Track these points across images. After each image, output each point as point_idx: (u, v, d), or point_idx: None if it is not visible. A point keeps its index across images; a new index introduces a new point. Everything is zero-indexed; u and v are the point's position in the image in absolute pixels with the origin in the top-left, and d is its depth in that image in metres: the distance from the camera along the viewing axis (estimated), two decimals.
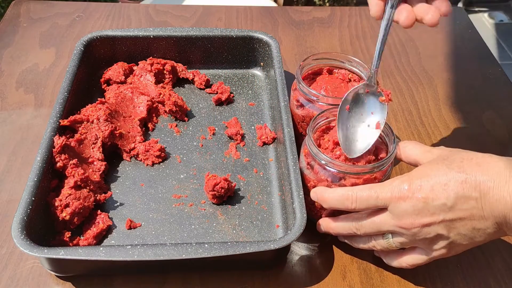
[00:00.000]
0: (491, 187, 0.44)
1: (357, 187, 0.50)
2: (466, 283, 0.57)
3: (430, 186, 0.46)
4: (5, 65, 0.83)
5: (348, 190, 0.50)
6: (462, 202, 0.45)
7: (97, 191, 0.61)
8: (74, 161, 0.60)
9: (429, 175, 0.46)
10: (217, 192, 0.61)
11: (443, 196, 0.45)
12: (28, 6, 0.97)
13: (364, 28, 0.97)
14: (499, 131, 0.76)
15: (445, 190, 0.45)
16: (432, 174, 0.46)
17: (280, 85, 0.70)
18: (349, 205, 0.50)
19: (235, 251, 0.51)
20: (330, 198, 0.52)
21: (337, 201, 0.51)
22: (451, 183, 0.45)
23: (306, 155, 0.57)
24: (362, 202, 0.49)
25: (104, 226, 0.58)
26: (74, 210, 0.57)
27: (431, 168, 0.47)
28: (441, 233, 0.47)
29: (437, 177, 0.46)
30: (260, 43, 0.79)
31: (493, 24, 2.36)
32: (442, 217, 0.46)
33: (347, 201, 0.50)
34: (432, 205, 0.46)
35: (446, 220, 0.46)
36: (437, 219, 0.46)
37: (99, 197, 0.61)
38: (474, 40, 0.96)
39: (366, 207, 0.50)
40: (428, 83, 0.85)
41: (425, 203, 0.46)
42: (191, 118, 0.74)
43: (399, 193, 0.47)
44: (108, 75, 0.76)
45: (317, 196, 0.54)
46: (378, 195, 0.48)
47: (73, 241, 0.57)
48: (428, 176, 0.46)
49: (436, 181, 0.46)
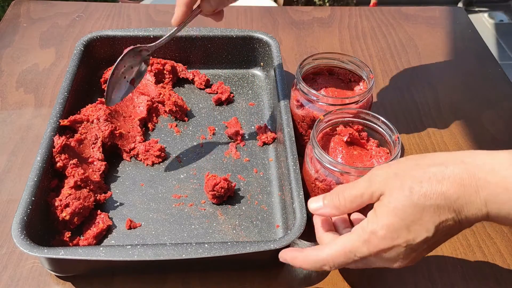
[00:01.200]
0: (463, 204, 0.42)
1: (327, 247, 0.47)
2: (466, 283, 0.57)
3: (406, 228, 0.43)
4: (5, 65, 0.83)
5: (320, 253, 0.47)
6: (442, 227, 0.43)
7: (97, 191, 0.61)
8: (74, 161, 0.60)
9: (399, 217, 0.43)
10: (217, 192, 0.61)
11: (423, 232, 0.43)
12: (28, 6, 0.97)
13: (364, 28, 0.97)
14: (499, 131, 0.76)
15: (422, 225, 0.43)
16: (402, 214, 0.43)
17: (280, 85, 0.70)
18: (327, 269, 0.48)
19: (235, 251, 0.51)
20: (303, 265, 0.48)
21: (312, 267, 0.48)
22: (425, 217, 0.43)
23: (311, 159, 0.57)
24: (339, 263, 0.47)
25: (104, 226, 0.58)
26: (74, 210, 0.57)
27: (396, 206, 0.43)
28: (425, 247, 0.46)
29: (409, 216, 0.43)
30: (260, 43, 0.79)
31: (493, 24, 2.36)
32: (426, 245, 0.45)
33: (324, 266, 0.47)
34: (416, 244, 0.44)
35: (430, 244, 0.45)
36: (422, 248, 0.45)
37: (99, 197, 0.61)
38: (474, 40, 0.96)
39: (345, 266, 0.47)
40: (428, 83, 0.85)
41: (408, 245, 0.44)
42: (191, 118, 0.74)
43: (376, 247, 0.44)
44: (108, 75, 0.76)
45: (286, 261, 0.49)
46: (355, 253, 0.45)
47: (73, 241, 0.57)
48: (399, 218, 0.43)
49: (411, 221, 0.43)
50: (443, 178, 0.42)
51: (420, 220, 0.43)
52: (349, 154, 0.59)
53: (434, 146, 0.73)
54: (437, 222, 0.43)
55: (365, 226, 0.45)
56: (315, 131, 0.57)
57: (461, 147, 0.73)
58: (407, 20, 1.00)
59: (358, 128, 0.60)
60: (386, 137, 0.58)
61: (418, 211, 0.43)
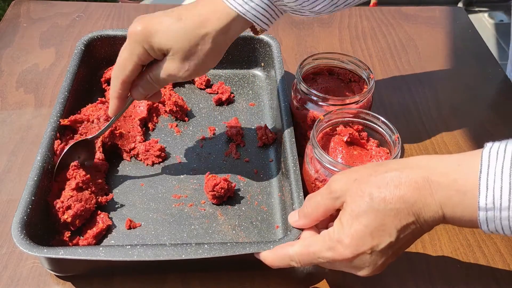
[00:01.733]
0: (421, 207, 0.43)
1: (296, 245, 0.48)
2: (466, 283, 0.57)
3: (369, 235, 0.44)
4: (5, 65, 0.83)
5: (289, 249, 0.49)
6: (404, 231, 0.44)
7: (99, 193, 0.61)
8: (75, 163, 0.60)
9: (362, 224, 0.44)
10: (217, 192, 0.61)
11: (386, 237, 0.44)
12: (28, 6, 0.97)
13: (364, 28, 0.97)
14: (499, 131, 0.76)
15: (385, 231, 0.44)
16: (364, 221, 0.44)
17: (280, 86, 0.70)
18: (294, 265, 0.49)
19: (235, 252, 0.51)
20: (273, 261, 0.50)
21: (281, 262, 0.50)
22: (387, 222, 0.44)
23: (311, 159, 0.57)
24: (305, 262, 0.48)
25: (104, 226, 0.58)
26: (76, 212, 0.57)
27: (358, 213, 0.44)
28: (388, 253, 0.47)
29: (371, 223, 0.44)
30: (261, 44, 0.79)
31: (493, 24, 2.36)
32: (391, 251, 0.45)
33: (292, 262, 0.49)
34: (380, 250, 0.45)
35: (395, 249, 0.46)
36: (388, 254, 0.46)
37: (101, 199, 0.61)
38: (474, 40, 0.96)
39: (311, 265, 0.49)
40: (428, 83, 0.85)
41: (372, 252, 0.45)
42: (192, 118, 0.74)
43: (341, 255, 0.45)
44: (108, 75, 0.76)
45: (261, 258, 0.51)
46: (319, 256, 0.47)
47: (73, 240, 0.57)
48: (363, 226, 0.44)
49: (374, 227, 0.44)
50: (400, 183, 0.43)
51: (382, 226, 0.44)
52: (349, 154, 0.59)
53: (434, 146, 0.73)
54: (398, 227, 0.44)
55: (332, 234, 0.46)
56: (315, 131, 0.57)
57: (461, 147, 0.73)
58: (407, 20, 1.00)
59: (358, 128, 0.60)
60: (386, 137, 0.58)
61: (379, 216, 0.44)
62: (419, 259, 0.59)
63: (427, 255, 0.59)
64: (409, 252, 0.59)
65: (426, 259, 0.59)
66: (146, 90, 0.57)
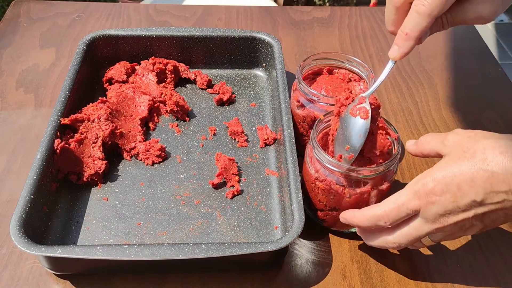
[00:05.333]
0: None
1: (382, 204, 0.49)
2: (466, 283, 0.57)
3: (456, 185, 0.45)
4: (5, 65, 0.83)
5: (376, 210, 0.49)
6: (492, 197, 0.44)
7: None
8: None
9: (453, 173, 0.45)
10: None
11: (472, 193, 0.44)
12: (28, 6, 0.97)
13: (364, 28, 0.97)
14: (499, 131, 0.75)
15: (472, 187, 0.44)
16: (456, 171, 0.45)
17: (281, 86, 0.70)
18: (382, 224, 0.49)
19: (232, 252, 0.51)
20: (360, 222, 0.51)
21: (369, 223, 0.51)
22: (478, 179, 0.44)
23: (311, 159, 0.57)
24: (394, 217, 0.48)
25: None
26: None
27: (453, 163, 0.45)
28: (475, 223, 0.47)
29: (462, 174, 0.44)
30: (262, 44, 0.79)
31: (493, 24, 2.36)
32: (474, 212, 0.45)
33: (380, 221, 0.49)
34: (462, 203, 0.45)
35: (479, 214, 0.45)
36: (469, 215, 0.45)
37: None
38: (474, 40, 0.96)
39: (399, 220, 0.49)
40: (428, 83, 0.85)
41: (455, 202, 0.45)
42: (192, 118, 0.74)
43: (426, 197, 0.46)
44: (110, 74, 0.76)
45: (347, 221, 0.53)
46: (407, 206, 0.47)
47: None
48: (452, 174, 0.45)
49: (462, 179, 0.44)
50: (507, 150, 0.44)
51: (472, 182, 0.44)
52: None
53: None
54: (488, 190, 0.44)
55: (418, 178, 0.47)
56: (315, 131, 0.57)
57: None
58: None
59: None
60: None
61: (473, 172, 0.44)
62: (419, 259, 0.59)
63: (427, 255, 0.59)
64: (409, 252, 0.59)
65: (426, 259, 0.59)
66: None
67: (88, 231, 0.59)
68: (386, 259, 0.58)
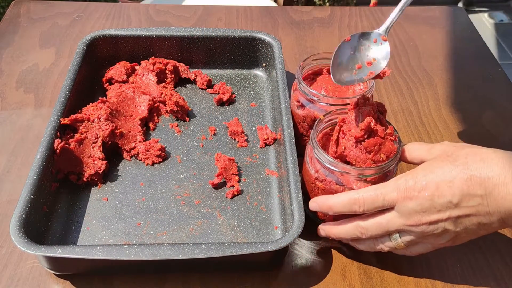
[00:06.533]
0: (497, 184, 0.44)
1: (362, 190, 0.50)
2: (466, 283, 0.57)
3: (435, 184, 0.46)
4: (5, 65, 0.83)
5: (354, 194, 0.50)
6: (467, 200, 0.45)
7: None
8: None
9: (434, 173, 0.47)
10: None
11: (449, 194, 0.45)
12: (28, 6, 0.97)
13: (364, 28, 0.97)
14: (499, 131, 0.76)
15: (450, 188, 0.45)
16: (437, 172, 0.46)
17: (281, 86, 0.70)
18: (357, 209, 0.50)
19: (232, 252, 0.51)
20: (335, 204, 0.51)
21: (344, 207, 0.51)
22: (456, 181, 0.45)
23: (311, 159, 0.57)
24: (369, 205, 0.49)
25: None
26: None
27: (436, 165, 0.47)
28: (448, 228, 0.48)
29: (442, 175, 0.46)
30: (262, 44, 0.79)
31: (493, 24, 2.36)
32: (448, 214, 0.46)
33: (354, 205, 0.50)
34: (438, 203, 0.46)
35: (453, 217, 0.46)
36: (444, 216, 0.47)
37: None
38: (474, 40, 0.96)
39: (374, 209, 0.50)
40: (428, 83, 0.85)
41: (431, 200, 0.46)
42: (192, 118, 0.74)
43: (405, 192, 0.47)
44: (110, 74, 0.76)
45: (318, 206, 0.53)
46: (384, 196, 0.48)
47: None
48: (433, 174, 0.47)
49: (442, 179, 0.46)
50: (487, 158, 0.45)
51: (450, 182, 0.45)
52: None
53: None
54: (465, 192, 0.45)
55: (402, 175, 0.49)
56: (315, 131, 0.57)
57: None
58: (407, 20, 1.00)
59: None
60: None
61: (452, 173, 0.46)
62: (419, 259, 0.59)
63: (427, 255, 0.59)
64: None
65: (426, 259, 0.59)
66: None
67: (88, 231, 0.59)
68: (386, 259, 0.58)
